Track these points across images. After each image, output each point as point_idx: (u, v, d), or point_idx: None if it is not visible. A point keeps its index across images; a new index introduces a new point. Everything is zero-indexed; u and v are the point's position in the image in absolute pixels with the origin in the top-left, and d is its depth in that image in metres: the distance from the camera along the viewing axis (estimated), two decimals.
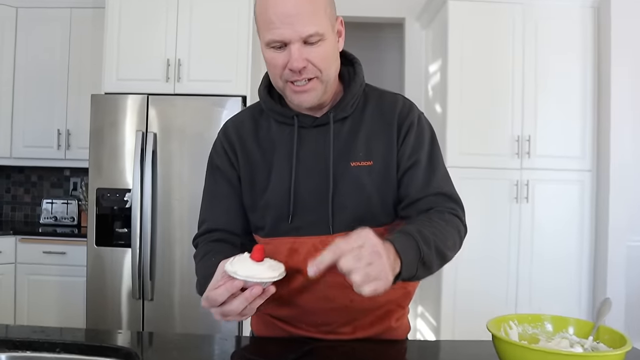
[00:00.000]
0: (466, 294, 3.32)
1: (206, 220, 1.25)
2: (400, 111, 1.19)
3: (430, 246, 0.99)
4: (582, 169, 3.38)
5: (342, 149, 1.16)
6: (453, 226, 1.10)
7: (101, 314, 3.07)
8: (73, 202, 3.88)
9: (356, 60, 1.24)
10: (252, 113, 1.26)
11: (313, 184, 1.16)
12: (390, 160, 1.16)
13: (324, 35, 1.06)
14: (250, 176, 1.20)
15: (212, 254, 1.15)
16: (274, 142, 1.19)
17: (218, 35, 3.25)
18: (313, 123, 1.18)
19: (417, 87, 4.06)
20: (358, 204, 1.15)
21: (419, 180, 1.14)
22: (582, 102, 3.38)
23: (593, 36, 3.39)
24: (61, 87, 3.69)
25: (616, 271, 3.26)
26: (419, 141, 1.17)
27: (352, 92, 1.18)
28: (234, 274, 0.90)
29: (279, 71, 1.09)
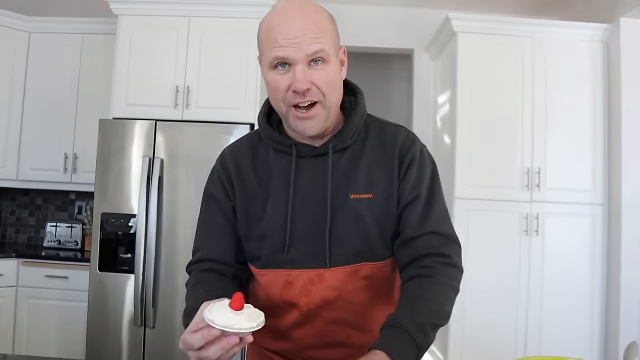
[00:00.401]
0: (474, 327, 3.24)
1: (200, 248, 1.22)
2: (402, 144, 1.16)
3: (426, 332, 0.98)
4: (593, 202, 3.33)
5: (341, 181, 1.13)
6: (447, 286, 1.08)
7: (102, 340, 3.01)
8: (77, 226, 3.86)
9: (358, 90, 1.22)
10: (250, 141, 1.24)
11: (310, 215, 1.13)
12: (390, 194, 1.13)
13: (329, 56, 1.06)
14: (246, 206, 1.18)
15: (201, 285, 1.13)
16: (271, 170, 1.17)
17: (227, 63, 3.27)
18: (312, 153, 1.15)
19: (426, 118, 4.06)
20: (356, 237, 1.12)
21: (416, 217, 1.12)
22: (593, 135, 3.36)
23: (603, 70, 3.39)
24: (70, 111, 3.71)
25: (629, 307, 3.19)
26: (421, 175, 1.15)
27: (353, 122, 1.16)
28: (212, 323, 0.88)
29: (282, 94, 1.07)
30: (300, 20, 1.04)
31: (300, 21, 1.04)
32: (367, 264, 1.14)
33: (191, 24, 3.30)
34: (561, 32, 3.38)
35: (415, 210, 1.12)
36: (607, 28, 3.36)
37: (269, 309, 1.19)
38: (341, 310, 1.15)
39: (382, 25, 4.09)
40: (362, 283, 1.15)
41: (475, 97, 3.35)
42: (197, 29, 3.30)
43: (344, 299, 1.14)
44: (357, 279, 1.14)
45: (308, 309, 1.14)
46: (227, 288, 1.14)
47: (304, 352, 1.18)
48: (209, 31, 3.30)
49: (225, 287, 1.14)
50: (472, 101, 3.35)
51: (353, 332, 1.16)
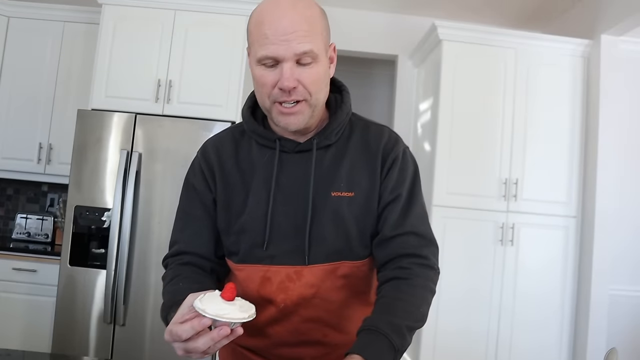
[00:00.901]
0: (447, 334, 3.26)
1: (178, 241, 1.20)
2: (385, 143, 1.16)
3: (403, 335, 0.98)
4: (567, 214, 3.38)
5: (323, 178, 1.12)
6: (423, 287, 1.08)
7: (69, 336, 2.94)
8: (49, 219, 3.76)
9: (344, 88, 1.21)
10: (233, 134, 1.22)
11: (291, 211, 1.12)
12: (372, 193, 1.13)
13: (318, 56, 1.04)
14: (226, 199, 1.16)
15: (180, 279, 1.11)
16: (253, 164, 1.15)
17: (211, 59, 3.23)
18: (295, 148, 1.14)
19: (407, 124, 4.08)
20: (336, 235, 1.11)
21: (395, 216, 1.11)
22: (570, 149, 3.41)
23: (582, 84, 3.45)
24: (47, 100, 3.62)
25: (598, 319, 3.25)
26: (402, 176, 1.14)
27: (338, 120, 1.15)
28: (203, 312, 0.86)
29: (267, 90, 1.05)
30: (291, 16, 1.02)
31: (291, 17, 1.01)
32: (346, 262, 1.13)
33: (177, 18, 3.25)
34: (544, 46, 3.44)
35: (394, 210, 1.12)
36: (588, 44, 3.42)
37: None
38: (318, 308, 1.14)
39: (367, 30, 4.10)
40: (340, 282, 1.14)
41: (457, 106, 3.38)
42: (183, 23, 3.25)
43: (321, 297, 1.13)
44: (335, 277, 1.13)
45: (285, 305, 1.13)
46: (205, 282, 1.13)
47: (279, 350, 1.16)
48: (195, 26, 3.26)
49: (204, 281, 1.12)
50: (454, 109, 3.38)
51: (329, 330, 1.15)
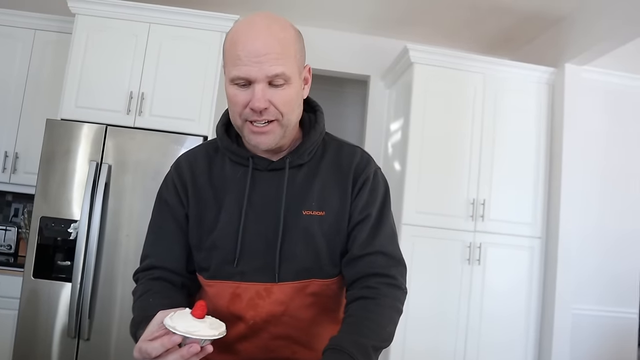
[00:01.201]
0: (414, 353, 3.29)
1: (149, 255, 1.20)
2: (357, 164, 1.18)
3: (367, 354, 0.98)
4: (532, 235, 3.47)
5: (295, 196, 1.14)
6: (391, 308, 1.09)
7: (31, 351, 2.85)
8: (12, 229, 3.67)
9: (319, 108, 1.23)
10: (207, 150, 1.23)
11: (262, 229, 1.13)
12: (342, 213, 1.15)
13: (290, 79, 1.06)
14: (198, 215, 1.16)
15: (150, 294, 1.11)
16: (226, 181, 1.16)
17: (185, 73, 3.23)
18: (268, 167, 1.16)
19: (377, 143, 4.13)
20: (306, 253, 1.12)
21: (364, 236, 1.13)
22: (535, 171, 3.52)
23: (547, 110, 3.57)
24: (15, 108, 3.54)
25: (561, 338, 3.32)
26: (373, 196, 1.17)
27: (311, 139, 1.17)
28: (173, 329, 0.86)
29: (239, 109, 1.07)
30: (264, 38, 1.03)
31: (264, 39, 1.03)
32: (316, 280, 1.14)
33: (151, 31, 3.25)
34: (511, 72, 3.55)
35: (363, 229, 1.14)
36: (553, 72, 3.55)
37: None
38: (287, 325, 1.15)
39: (340, 50, 4.16)
40: (309, 300, 1.15)
41: (427, 127, 3.45)
42: (157, 36, 3.25)
43: (290, 315, 1.14)
44: (305, 295, 1.14)
45: (254, 322, 1.13)
46: (176, 297, 1.13)
47: None
48: (169, 40, 3.25)
49: (174, 296, 1.13)
50: (424, 130, 3.45)
51: (298, 348, 1.16)
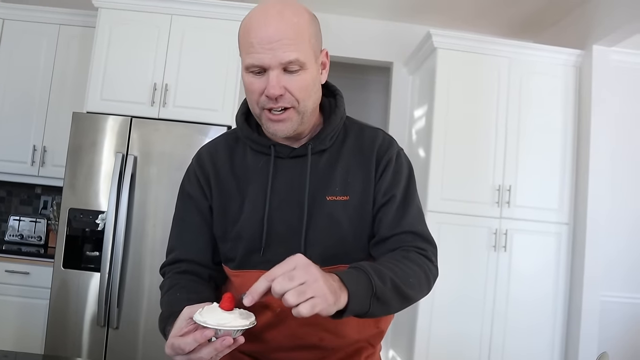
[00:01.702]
0: (440, 340, 3.27)
1: (175, 248, 1.20)
2: (379, 146, 1.17)
3: (385, 282, 0.95)
4: (559, 221, 3.41)
5: (318, 182, 1.13)
6: (418, 265, 1.05)
7: (62, 339, 2.92)
8: (42, 221, 3.75)
9: (338, 92, 1.22)
10: (227, 140, 1.22)
11: (287, 216, 1.12)
12: (366, 196, 1.13)
13: (305, 64, 1.04)
14: (222, 206, 1.16)
15: (177, 289, 1.11)
16: (248, 171, 1.16)
17: (207, 64, 3.25)
18: (290, 154, 1.15)
19: (401, 130, 4.10)
20: (332, 239, 1.12)
21: (391, 217, 1.12)
22: (562, 156, 3.45)
23: (574, 94, 3.49)
24: (42, 103, 3.61)
25: (589, 325, 3.27)
26: (396, 178, 1.15)
27: (332, 124, 1.16)
28: (204, 324, 0.87)
29: (255, 97, 1.06)
30: (276, 24, 1.02)
31: (277, 25, 1.01)
32: (342, 266, 1.12)
33: (173, 22, 3.26)
34: (537, 55, 3.48)
35: (389, 211, 1.12)
36: (580, 54, 3.47)
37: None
38: None
39: (363, 37, 4.13)
40: None
41: (452, 113, 3.41)
42: (179, 28, 3.26)
43: None
44: None
45: (281, 310, 1.12)
46: (203, 291, 1.13)
47: (276, 354, 1.16)
48: (191, 30, 3.27)
49: (201, 290, 1.13)
50: (448, 116, 3.41)
51: (326, 334, 1.15)
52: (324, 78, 1.14)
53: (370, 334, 1.20)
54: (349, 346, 1.18)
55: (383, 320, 1.22)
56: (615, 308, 3.50)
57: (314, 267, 0.86)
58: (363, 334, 1.18)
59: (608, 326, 3.45)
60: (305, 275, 0.84)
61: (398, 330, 3.69)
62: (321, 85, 1.16)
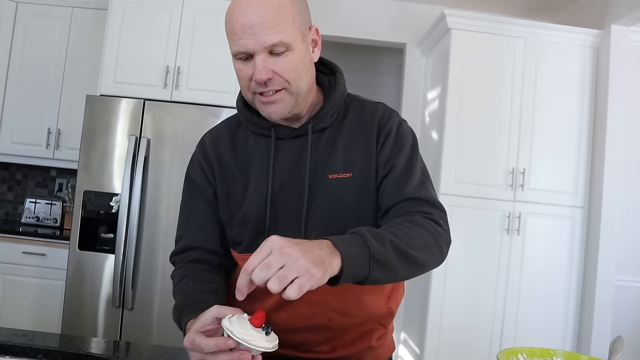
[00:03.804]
0: (452, 325, 3.28)
1: (183, 236, 1.21)
2: (380, 119, 1.15)
3: (384, 244, 0.90)
4: (574, 205, 3.38)
5: (319, 161, 1.12)
6: (422, 226, 1.01)
7: (78, 319, 2.97)
8: (57, 203, 3.79)
9: (337, 69, 1.20)
10: (229, 125, 1.22)
11: (290, 197, 1.12)
12: (369, 170, 1.12)
13: (290, 44, 1.02)
14: (226, 191, 1.17)
15: (190, 279, 1.12)
16: (250, 154, 1.16)
17: (220, 46, 3.21)
18: (291, 134, 1.14)
19: (414, 112, 4.07)
20: (335, 217, 1.11)
21: (393, 186, 1.10)
22: (578, 139, 3.40)
23: (591, 75, 3.43)
24: (55, 86, 3.64)
25: (603, 309, 3.25)
26: (397, 147, 1.13)
27: (332, 102, 1.15)
28: (231, 334, 0.87)
29: (246, 83, 1.06)
30: (256, 8, 1.01)
31: (257, 8, 1.00)
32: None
33: (185, 4, 3.25)
34: (553, 35, 3.41)
35: (391, 180, 1.10)
36: (598, 34, 3.40)
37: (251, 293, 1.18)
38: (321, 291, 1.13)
39: (375, 18, 4.08)
40: None
41: (466, 95, 3.37)
42: (191, 10, 3.25)
43: None
44: None
45: None
46: (215, 280, 1.14)
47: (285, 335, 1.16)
48: (203, 12, 3.25)
49: (214, 280, 1.14)
50: (462, 98, 3.37)
51: (334, 314, 1.15)
52: (316, 56, 1.13)
53: (380, 313, 1.20)
54: (359, 326, 1.18)
55: (393, 300, 1.22)
56: (631, 293, 3.48)
57: (290, 245, 0.81)
58: (372, 314, 1.18)
59: (622, 311, 3.43)
60: (282, 258, 0.80)
61: (409, 313, 3.70)
62: (320, 63, 1.15)
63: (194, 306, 1.02)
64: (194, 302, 1.04)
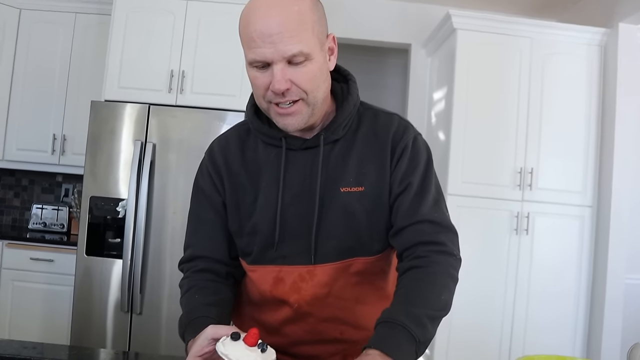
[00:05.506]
0: (461, 328, 3.26)
1: (191, 245, 1.19)
2: (394, 132, 1.12)
3: (423, 324, 0.94)
4: (583, 204, 3.36)
5: (331, 174, 1.09)
6: (444, 273, 1.03)
7: (87, 325, 2.97)
8: (64, 209, 3.79)
9: (351, 77, 1.16)
10: (239, 132, 1.19)
11: (300, 210, 1.09)
12: (382, 186, 1.09)
13: (310, 54, 0.99)
14: (236, 201, 1.14)
15: (196, 290, 1.10)
16: (260, 164, 1.13)
17: (224, 49, 3.22)
18: (302, 145, 1.11)
19: (420, 113, 4.05)
20: (347, 232, 1.09)
21: (407, 206, 1.07)
22: (586, 138, 3.38)
23: (599, 74, 3.40)
24: (60, 91, 3.63)
25: (613, 308, 3.23)
26: (413, 164, 1.10)
27: (345, 112, 1.11)
28: (226, 357, 0.87)
29: (261, 92, 1.02)
30: (276, 15, 0.96)
31: (277, 15, 0.96)
32: (359, 259, 1.11)
33: (189, 8, 3.24)
34: (560, 34, 3.39)
35: (405, 199, 1.08)
36: (605, 32, 3.37)
37: (261, 305, 1.18)
38: (333, 307, 1.13)
39: (380, 19, 4.07)
40: (354, 279, 1.12)
41: (472, 95, 3.35)
42: (195, 13, 3.24)
43: (335, 296, 1.12)
44: (349, 274, 1.12)
45: (299, 305, 1.12)
46: (221, 291, 1.13)
47: (297, 348, 1.15)
48: (207, 16, 3.24)
49: (220, 291, 1.13)
50: (468, 99, 3.35)
51: (346, 328, 1.14)
52: (332, 64, 1.09)
53: None
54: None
55: None
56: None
57: None
58: None
59: (632, 308, 3.41)
60: None
61: None
62: (332, 70, 1.11)
63: (195, 323, 1.01)
64: (195, 318, 1.03)
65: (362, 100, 1.18)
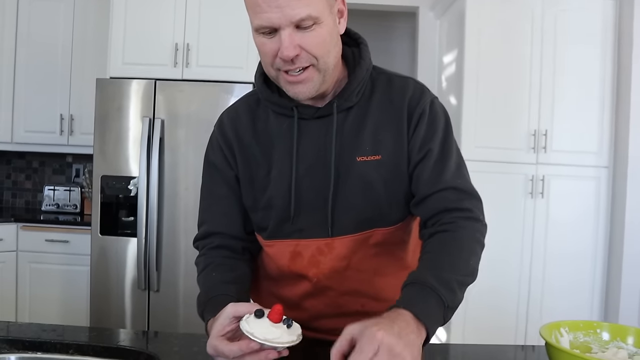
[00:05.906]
0: (478, 287, 3.21)
1: (205, 221, 1.16)
2: (410, 97, 1.07)
3: (452, 289, 0.91)
4: (598, 165, 3.30)
5: (346, 143, 1.06)
6: (470, 241, 1.00)
7: (105, 304, 3.00)
8: (76, 189, 3.80)
9: (362, 41, 1.11)
10: (249, 103, 1.15)
11: (316, 182, 1.06)
12: (400, 153, 1.06)
13: (319, 18, 0.94)
14: (249, 174, 1.11)
15: (212, 268, 1.08)
16: (272, 135, 1.09)
17: (229, 20, 3.15)
18: (315, 114, 1.06)
19: (431, 77, 3.97)
20: (365, 203, 1.05)
21: (429, 173, 1.04)
22: (601, 97, 3.30)
23: (614, 29, 3.30)
24: (64, 70, 3.59)
25: (631, 269, 3.19)
26: (432, 130, 1.06)
27: (358, 78, 1.06)
28: (252, 336, 0.85)
29: (270, 59, 0.98)
30: None
31: None
32: (379, 230, 1.08)
33: None
34: None
35: (427, 167, 1.04)
36: None
37: (280, 279, 1.16)
38: (352, 280, 1.11)
39: None
40: (373, 250, 1.10)
41: (483, 57, 3.27)
42: None
43: (354, 269, 1.10)
44: (368, 246, 1.09)
45: (318, 279, 1.10)
46: (238, 267, 1.10)
47: (318, 322, 1.14)
48: None
49: (238, 267, 1.10)
50: (480, 61, 3.27)
51: (367, 300, 1.13)
52: (342, 28, 1.04)
53: None
54: None
55: None
56: None
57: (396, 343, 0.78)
58: None
59: None
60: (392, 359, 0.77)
61: None
62: (342, 34, 1.06)
63: (214, 302, 0.99)
64: (214, 297, 1.01)
65: (375, 65, 1.13)
